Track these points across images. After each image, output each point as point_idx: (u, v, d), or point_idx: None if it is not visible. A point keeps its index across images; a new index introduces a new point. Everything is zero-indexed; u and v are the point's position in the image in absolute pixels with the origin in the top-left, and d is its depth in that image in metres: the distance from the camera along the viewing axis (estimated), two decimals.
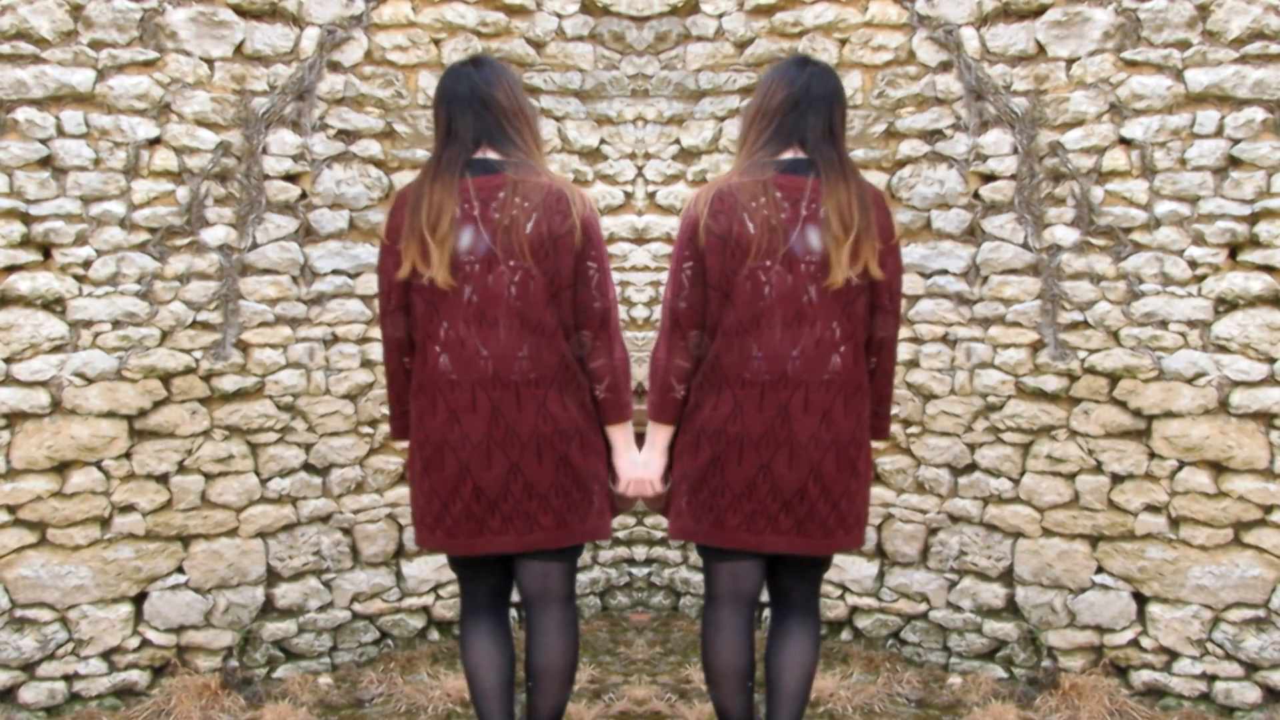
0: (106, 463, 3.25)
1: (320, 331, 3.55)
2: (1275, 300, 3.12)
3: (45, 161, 3.12)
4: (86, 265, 3.19)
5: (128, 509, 3.29)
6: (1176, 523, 3.27)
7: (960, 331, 3.57)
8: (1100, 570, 3.39)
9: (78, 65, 3.14)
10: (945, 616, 3.65)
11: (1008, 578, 3.55)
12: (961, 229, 3.55)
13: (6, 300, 3.11)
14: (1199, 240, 3.18)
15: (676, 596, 4.07)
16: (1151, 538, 3.30)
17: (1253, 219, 3.12)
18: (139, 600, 3.35)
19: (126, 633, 3.32)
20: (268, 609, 3.54)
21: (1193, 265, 3.20)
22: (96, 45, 3.16)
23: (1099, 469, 3.36)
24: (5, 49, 3.06)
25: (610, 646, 3.76)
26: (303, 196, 3.50)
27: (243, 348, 3.42)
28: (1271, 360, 3.13)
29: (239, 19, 3.34)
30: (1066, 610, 3.44)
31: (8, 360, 3.11)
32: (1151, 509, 3.30)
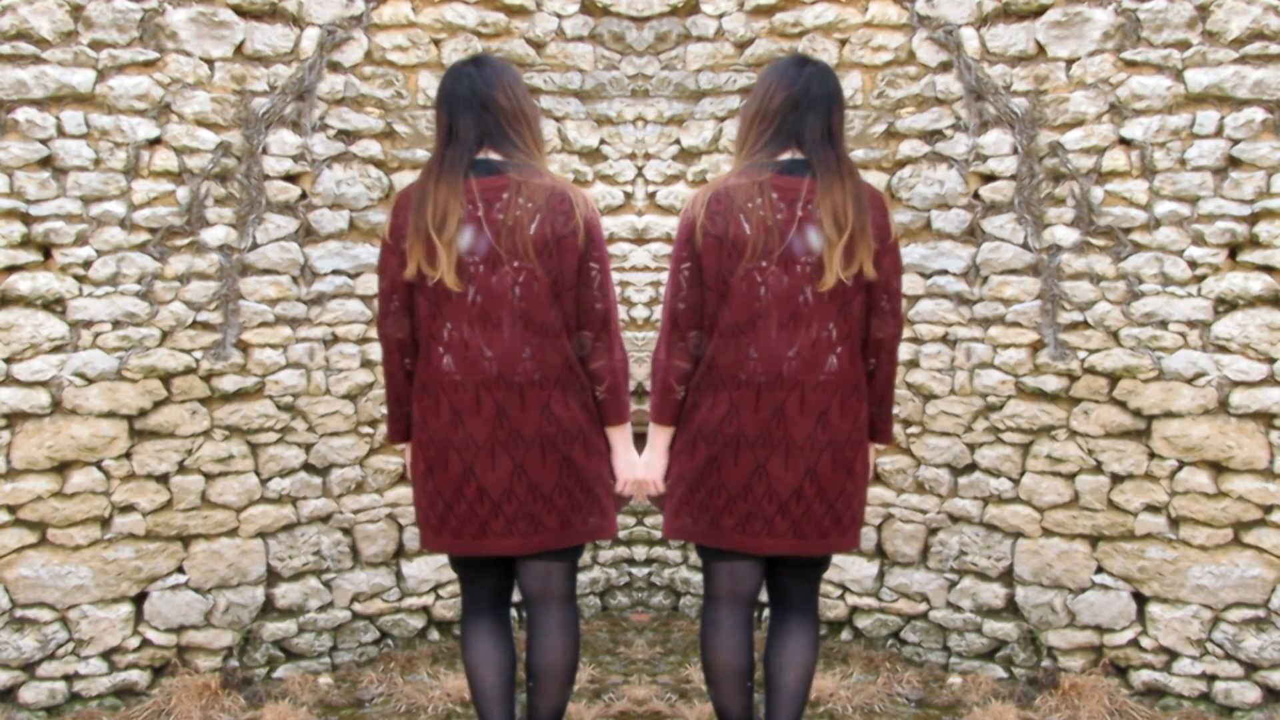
0: (107, 463, 3.25)
1: (320, 331, 3.55)
2: (1275, 300, 3.12)
3: (45, 161, 3.12)
4: (87, 265, 3.19)
5: (128, 509, 3.29)
6: (1176, 523, 3.27)
7: (960, 331, 3.57)
8: (1100, 570, 3.39)
9: (78, 65, 3.14)
10: (945, 616, 3.65)
11: (1008, 578, 3.55)
12: (961, 229, 3.55)
13: (7, 300, 3.11)
14: (1199, 240, 3.18)
15: (677, 596, 4.07)
16: (1151, 538, 3.30)
17: (1253, 219, 3.12)
18: (139, 600, 3.35)
19: (127, 633, 3.32)
20: (268, 609, 3.54)
21: (1193, 265, 3.20)
22: (97, 45, 3.16)
23: (1099, 469, 3.36)
24: (5, 49, 3.06)
25: (610, 646, 3.76)
26: (303, 197, 3.50)
27: (243, 348, 3.42)
28: (1271, 360, 3.13)
29: (239, 19, 3.34)
30: (1066, 610, 3.44)
31: (8, 360, 3.12)
32: (1151, 509, 3.30)
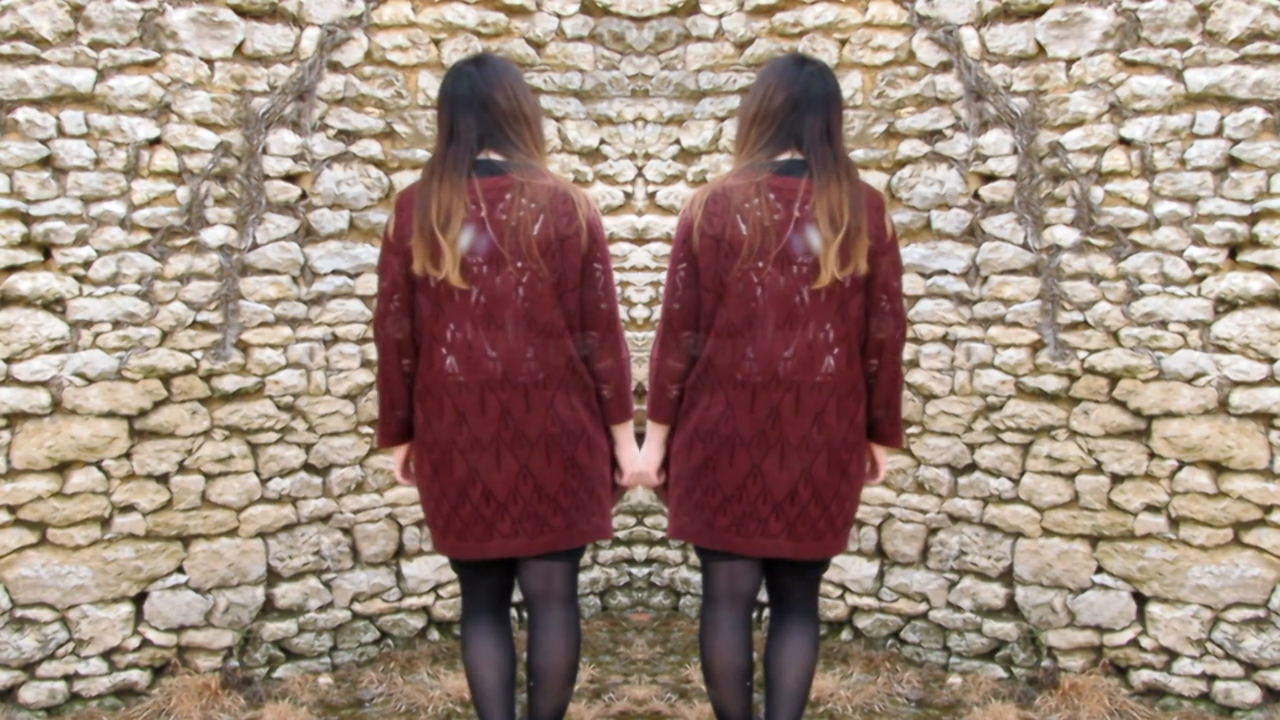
0: (107, 463, 3.25)
1: (320, 331, 3.55)
2: (1275, 300, 3.12)
3: (45, 161, 3.12)
4: (87, 265, 3.19)
5: (128, 509, 3.29)
6: (1176, 523, 3.27)
7: (960, 331, 3.57)
8: (1100, 570, 3.39)
9: (78, 65, 3.14)
10: (945, 616, 3.65)
11: (1008, 578, 3.55)
12: (961, 229, 3.55)
13: (7, 300, 3.11)
14: (1199, 240, 3.18)
15: (676, 596, 4.07)
16: (1151, 538, 3.30)
17: (1253, 219, 3.12)
18: (139, 600, 3.35)
19: (127, 633, 3.32)
20: (268, 609, 3.54)
21: (1193, 265, 3.20)
22: (97, 45, 3.16)
23: (1099, 469, 3.36)
24: (5, 49, 3.06)
25: (610, 646, 3.76)
26: (303, 197, 3.50)
27: (243, 348, 3.42)
28: (1271, 360, 3.13)
29: (239, 19, 3.34)
30: (1066, 610, 3.44)
31: (8, 360, 3.12)
32: (1151, 509, 3.30)
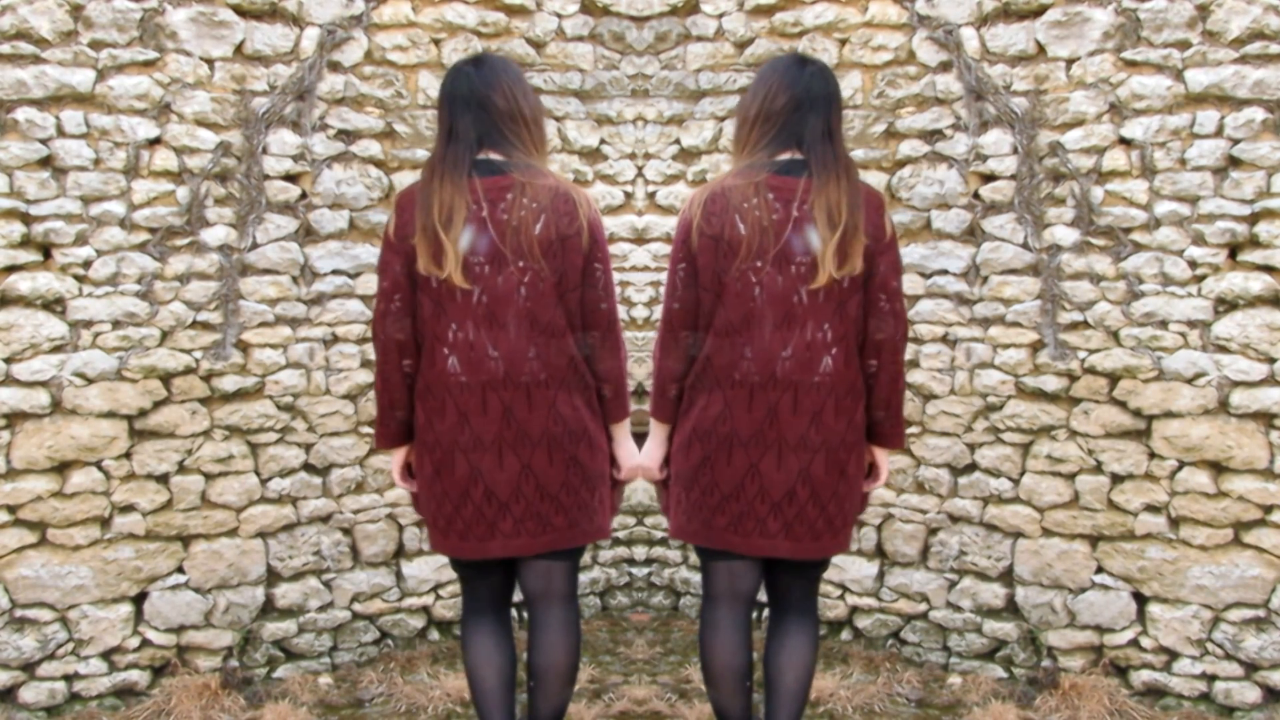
0: (106, 463, 3.25)
1: (320, 331, 3.55)
2: (1275, 300, 3.12)
3: (45, 161, 3.12)
4: (86, 265, 3.19)
5: (128, 509, 3.29)
6: (1176, 523, 3.27)
7: (960, 331, 3.57)
8: (1100, 570, 3.39)
9: (78, 65, 3.14)
10: (945, 616, 3.65)
11: (1008, 578, 3.55)
12: (961, 229, 3.55)
13: (6, 300, 3.11)
14: (1199, 240, 3.18)
15: (676, 596, 4.07)
16: (1151, 538, 3.30)
17: (1253, 219, 3.12)
18: (139, 600, 3.35)
19: (126, 633, 3.32)
20: (268, 609, 3.54)
21: (1193, 265, 3.20)
22: (96, 45, 3.16)
23: (1099, 469, 3.36)
24: (5, 49, 3.06)
25: (610, 646, 3.76)
26: (303, 196, 3.50)
27: (243, 348, 3.42)
28: (1271, 360, 3.13)
29: (239, 19, 3.34)
30: (1066, 610, 3.44)
31: (8, 360, 3.11)
32: (1151, 509, 3.30)
